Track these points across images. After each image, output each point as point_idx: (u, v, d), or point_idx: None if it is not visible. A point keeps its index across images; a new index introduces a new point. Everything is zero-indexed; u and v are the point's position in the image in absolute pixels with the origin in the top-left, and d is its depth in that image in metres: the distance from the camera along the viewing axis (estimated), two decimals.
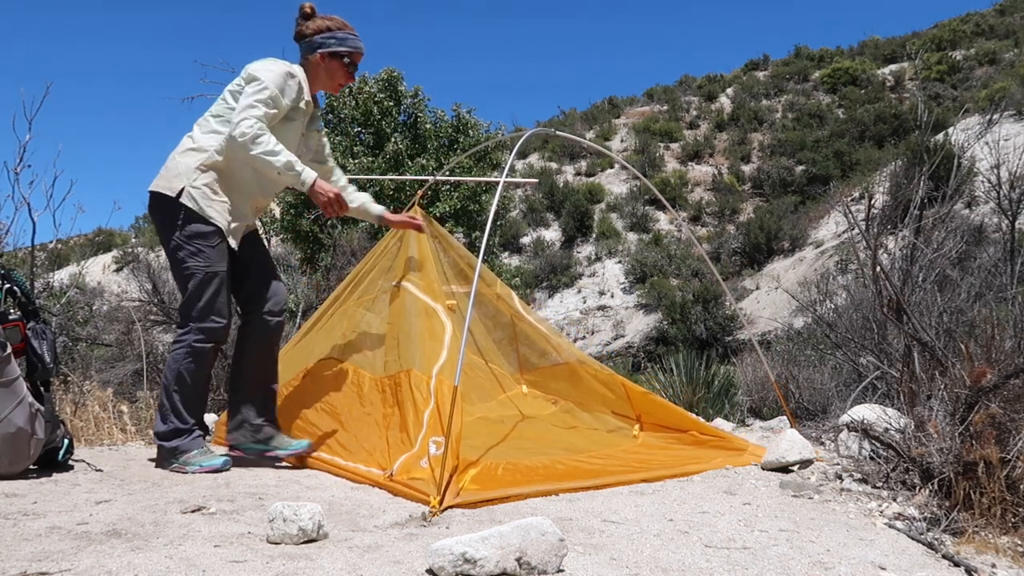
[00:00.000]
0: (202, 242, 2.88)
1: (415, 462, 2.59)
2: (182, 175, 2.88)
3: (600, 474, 2.73)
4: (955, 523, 2.19)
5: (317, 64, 3.04)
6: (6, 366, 2.55)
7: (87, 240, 25.95)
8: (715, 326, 17.88)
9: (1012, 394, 2.33)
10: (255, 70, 2.90)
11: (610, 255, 24.33)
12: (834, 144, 26.45)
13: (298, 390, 3.35)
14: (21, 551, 1.75)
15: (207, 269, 2.88)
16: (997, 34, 32.39)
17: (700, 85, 37.80)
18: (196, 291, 2.87)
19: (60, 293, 6.02)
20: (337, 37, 3.06)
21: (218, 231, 2.90)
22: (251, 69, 2.91)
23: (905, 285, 3.99)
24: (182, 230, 2.87)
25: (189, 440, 2.91)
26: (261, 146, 2.79)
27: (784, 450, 2.93)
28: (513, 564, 1.62)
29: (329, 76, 3.09)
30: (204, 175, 2.89)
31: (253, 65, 2.93)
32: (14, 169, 4.62)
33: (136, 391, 4.84)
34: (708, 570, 1.78)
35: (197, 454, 2.88)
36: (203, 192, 2.88)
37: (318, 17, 3.07)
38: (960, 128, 15.93)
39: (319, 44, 3.04)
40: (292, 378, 3.37)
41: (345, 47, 3.06)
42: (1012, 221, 6.40)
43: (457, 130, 12.44)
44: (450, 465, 2.41)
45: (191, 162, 2.89)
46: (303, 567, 1.68)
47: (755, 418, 5.47)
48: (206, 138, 2.92)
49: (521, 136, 3.82)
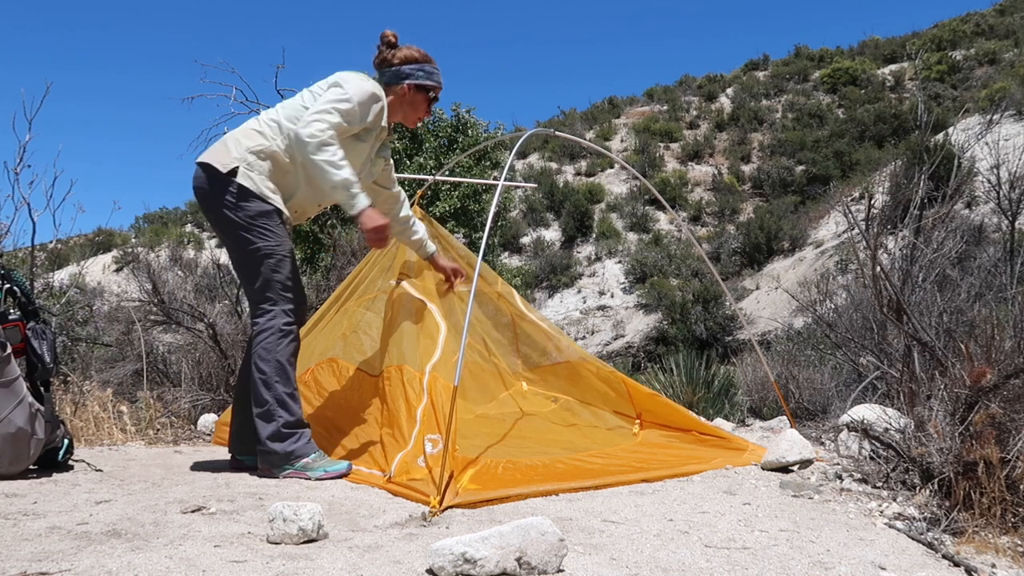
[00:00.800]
0: (267, 221, 2.72)
1: (412, 461, 2.58)
2: (238, 153, 2.73)
3: (600, 474, 2.72)
4: (955, 523, 2.19)
5: (402, 95, 2.94)
6: (6, 366, 2.55)
7: (87, 240, 25.96)
8: (715, 326, 17.88)
9: (1012, 394, 2.33)
10: (344, 80, 2.79)
11: (610, 255, 24.34)
12: (834, 144, 26.45)
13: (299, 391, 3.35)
14: (21, 551, 1.75)
15: (279, 249, 2.73)
16: (997, 34, 32.38)
17: (700, 85, 37.79)
18: (273, 271, 2.71)
19: (60, 293, 6.02)
20: (425, 70, 2.96)
21: (278, 211, 2.76)
22: (340, 77, 2.80)
23: (905, 285, 3.98)
24: (243, 210, 2.70)
25: (305, 443, 2.70)
26: (326, 154, 2.65)
27: (784, 450, 2.93)
28: (513, 564, 1.62)
29: (412, 108, 3.00)
30: (261, 162, 2.75)
31: (343, 74, 2.82)
32: (14, 169, 4.62)
33: (136, 391, 4.84)
34: (708, 570, 1.78)
35: (317, 458, 2.68)
36: (259, 175, 2.73)
37: (403, 47, 2.96)
38: (960, 128, 15.95)
39: (407, 75, 2.93)
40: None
41: (431, 81, 2.97)
42: (1012, 221, 6.41)
43: (456, 129, 12.44)
44: (449, 465, 2.41)
45: (249, 144, 2.75)
46: (303, 567, 1.68)
47: (755, 418, 5.47)
48: (271, 128, 2.79)
49: (521, 136, 3.82)
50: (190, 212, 31.61)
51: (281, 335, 2.71)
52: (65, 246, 14.41)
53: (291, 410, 2.69)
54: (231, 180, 2.70)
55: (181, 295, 6.10)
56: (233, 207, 2.71)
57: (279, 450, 2.66)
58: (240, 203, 2.71)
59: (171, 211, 33.58)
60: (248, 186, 2.70)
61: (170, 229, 29.39)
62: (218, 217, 2.76)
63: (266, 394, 2.68)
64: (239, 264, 2.83)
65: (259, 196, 2.72)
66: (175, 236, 27.64)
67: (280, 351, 2.70)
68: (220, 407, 4.79)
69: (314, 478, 2.62)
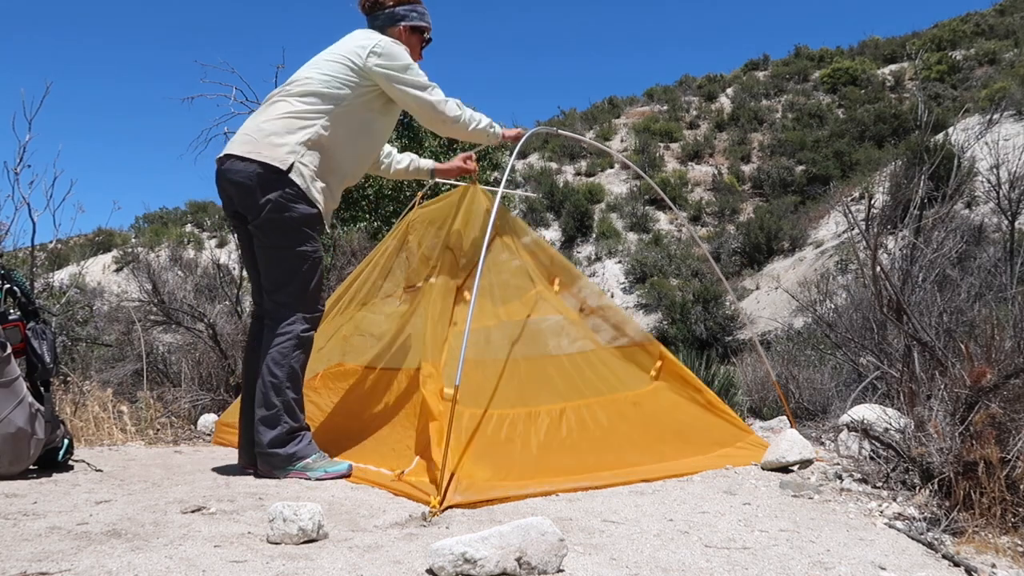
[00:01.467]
0: (311, 226, 2.67)
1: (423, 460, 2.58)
2: (289, 148, 2.63)
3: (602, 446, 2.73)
4: (955, 523, 2.19)
5: (398, 38, 2.82)
6: (6, 366, 2.55)
7: (87, 240, 25.94)
8: (715, 326, 17.87)
9: (1012, 394, 2.33)
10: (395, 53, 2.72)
11: (610, 255, 24.33)
12: (834, 144, 26.44)
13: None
14: (21, 551, 1.75)
15: (315, 255, 2.70)
16: (997, 34, 32.37)
17: (700, 85, 37.78)
18: (306, 277, 2.67)
19: (60, 293, 6.02)
20: (418, 11, 2.87)
21: (319, 215, 2.71)
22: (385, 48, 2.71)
23: (905, 285, 3.98)
24: (293, 211, 2.62)
25: (306, 444, 2.69)
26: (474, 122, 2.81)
27: (784, 450, 2.93)
28: (513, 564, 1.62)
29: (408, 52, 2.84)
30: (310, 153, 2.67)
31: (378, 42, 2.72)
32: (14, 169, 4.63)
33: (136, 391, 4.84)
34: (708, 570, 1.78)
35: (318, 459, 2.67)
36: (312, 172, 2.66)
37: None
38: (960, 128, 15.94)
39: (401, 16, 2.84)
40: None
41: (425, 22, 2.89)
42: (1012, 221, 6.41)
43: None
44: (451, 464, 2.41)
45: (298, 136, 2.65)
46: (303, 567, 1.68)
47: (755, 418, 5.48)
48: (311, 110, 2.68)
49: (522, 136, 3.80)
50: (190, 212, 31.60)
51: (298, 343, 2.68)
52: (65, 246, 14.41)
53: (296, 416, 2.68)
54: (288, 179, 2.62)
55: (181, 295, 6.11)
56: (284, 207, 2.63)
57: (282, 452, 2.65)
58: (291, 204, 2.64)
59: (171, 211, 33.56)
60: (302, 187, 2.64)
61: (170, 229, 29.38)
62: (265, 215, 2.65)
63: (275, 399, 2.64)
64: (273, 263, 2.72)
65: (309, 199, 2.66)
66: (175, 236, 27.62)
67: (295, 357, 2.67)
68: (220, 407, 4.79)
69: (314, 478, 2.60)
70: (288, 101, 2.71)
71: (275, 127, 2.67)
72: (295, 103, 2.70)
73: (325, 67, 2.73)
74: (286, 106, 2.70)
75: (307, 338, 2.71)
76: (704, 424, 3.13)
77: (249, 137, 2.69)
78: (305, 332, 2.70)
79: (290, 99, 2.71)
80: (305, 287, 2.69)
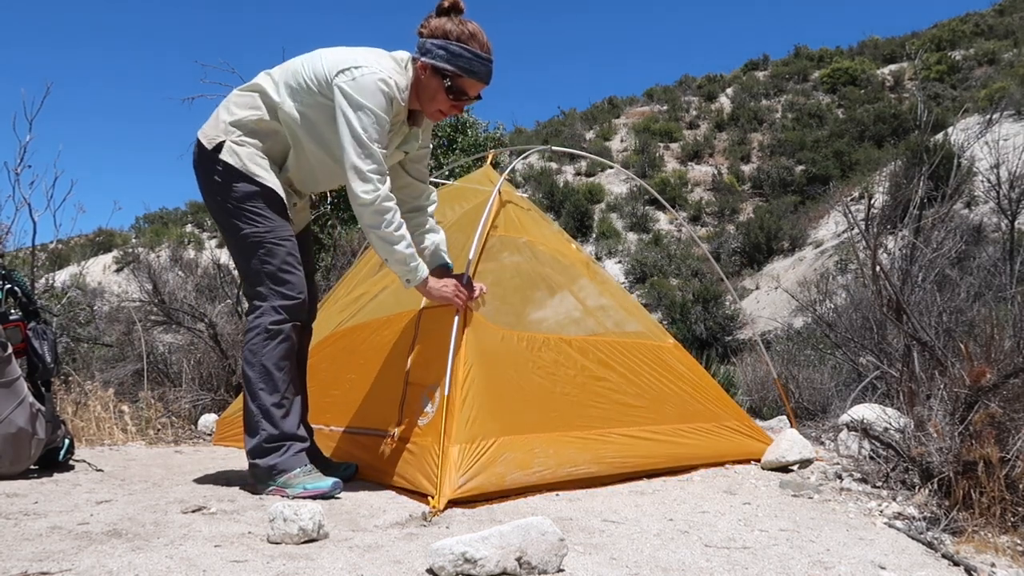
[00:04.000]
0: (255, 204, 2.37)
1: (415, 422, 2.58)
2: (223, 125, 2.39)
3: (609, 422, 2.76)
4: (955, 522, 2.19)
5: (417, 76, 2.42)
6: (7, 366, 2.55)
7: (88, 240, 25.94)
8: (715, 326, 17.86)
9: (1012, 394, 2.33)
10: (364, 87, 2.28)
11: (610, 255, 24.32)
12: (834, 144, 26.44)
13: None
14: (22, 551, 1.75)
15: (268, 235, 2.38)
16: (997, 34, 32.37)
17: (700, 85, 37.79)
18: (263, 261, 2.38)
19: (61, 293, 6.03)
20: (450, 50, 2.36)
21: (272, 193, 2.40)
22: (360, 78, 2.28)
23: (905, 285, 3.99)
24: (229, 192, 2.36)
25: (289, 456, 2.37)
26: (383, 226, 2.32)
27: (784, 450, 2.94)
28: (513, 564, 1.62)
29: (429, 97, 2.44)
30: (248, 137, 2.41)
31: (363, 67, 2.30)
32: (15, 169, 4.63)
33: (137, 391, 4.85)
34: (708, 570, 1.79)
35: (300, 473, 2.36)
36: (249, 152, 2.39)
37: (451, 18, 2.40)
38: (960, 128, 15.94)
39: (425, 51, 2.39)
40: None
41: (452, 66, 2.36)
42: (1011, 221, 6.41)
43: (456, 130, 12.43)
44: (450, 466, 2.41)
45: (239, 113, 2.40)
46: (303, 567, 1.68)
47: (755, 418, 5.46)
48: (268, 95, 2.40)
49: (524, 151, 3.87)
50: (190, 212, 31.60)
51: (267, 336, 2.37)
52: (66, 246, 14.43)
53: (275, 422, 2.38)
54: (216, 157, 2.38)
55: (181, 295, 6.12)
56: (218, 188, 2.39)
57: (262, 464, 2.39)
58: (225, 183, 2.38)
59: (171, 211, 33.59)
60: (233, 163, 2.37)
61: (170, 229, 29.38)
62: (205, 200, 2.45)
63: (251, 404, 2.41)
64: (230, 250, 2.51)
65: (246, 175, 2.37)
66: (175, 236, 27.63)
67: (266, 354, 2.37)
68: (221, 407, 4.79)
69: (292, 496, 2.30)
70: (253, 81, 2.49)
71: (226, 101, 2.47)
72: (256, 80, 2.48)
73: (309, 62, 2.44)
74: (246, 85, 2.49)
75: (277, 330, 2.38)
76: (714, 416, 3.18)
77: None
78: (274, 324, 2.38)
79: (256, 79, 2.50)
80: (262, 272, 2.39)
